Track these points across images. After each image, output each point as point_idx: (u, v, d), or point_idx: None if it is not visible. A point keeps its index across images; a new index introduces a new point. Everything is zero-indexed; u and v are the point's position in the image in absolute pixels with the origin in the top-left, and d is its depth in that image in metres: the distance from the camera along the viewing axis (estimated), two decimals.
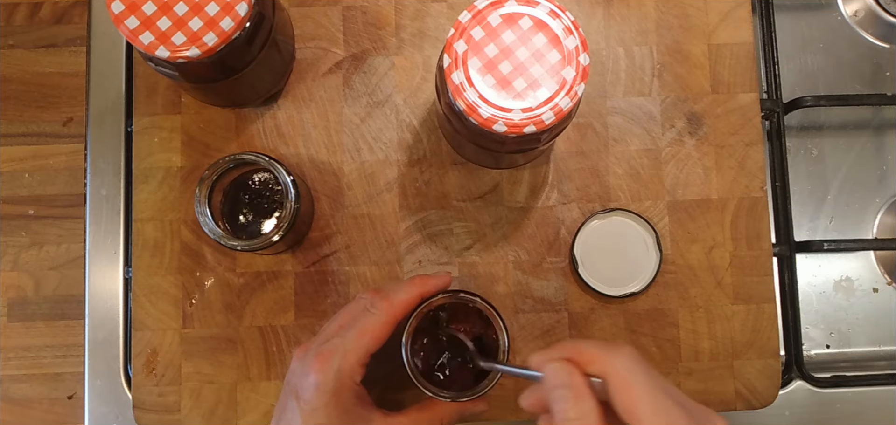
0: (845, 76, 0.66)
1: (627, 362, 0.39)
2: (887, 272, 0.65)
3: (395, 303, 0.47)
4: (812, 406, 0.59)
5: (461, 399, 0.48)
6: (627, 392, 0.38)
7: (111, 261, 0.59)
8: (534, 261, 0.57)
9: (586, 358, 0.40)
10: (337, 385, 0.44)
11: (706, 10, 0.59)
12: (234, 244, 0.49)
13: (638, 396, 0.38)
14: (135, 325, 0.56)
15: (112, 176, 0.60)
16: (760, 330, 0.57)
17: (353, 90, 0.58)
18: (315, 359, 0.44)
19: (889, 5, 0.66)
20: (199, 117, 0.58)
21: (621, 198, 0.57)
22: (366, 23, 0.58)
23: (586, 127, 0.58)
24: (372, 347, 0.46)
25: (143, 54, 0.47)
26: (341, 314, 0.48)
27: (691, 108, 0.58)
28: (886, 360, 0.63)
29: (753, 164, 0.58)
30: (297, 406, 0.44)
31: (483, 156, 0.55)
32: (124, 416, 0.58)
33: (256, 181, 0.53)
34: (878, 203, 0.65)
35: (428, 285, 0.49)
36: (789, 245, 0.60)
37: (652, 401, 0.38)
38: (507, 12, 0.45)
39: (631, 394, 0.38)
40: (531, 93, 0.44)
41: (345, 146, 0.58)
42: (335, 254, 0.57)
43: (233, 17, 0.46)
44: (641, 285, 0.56)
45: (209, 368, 0.56)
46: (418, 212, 0.57)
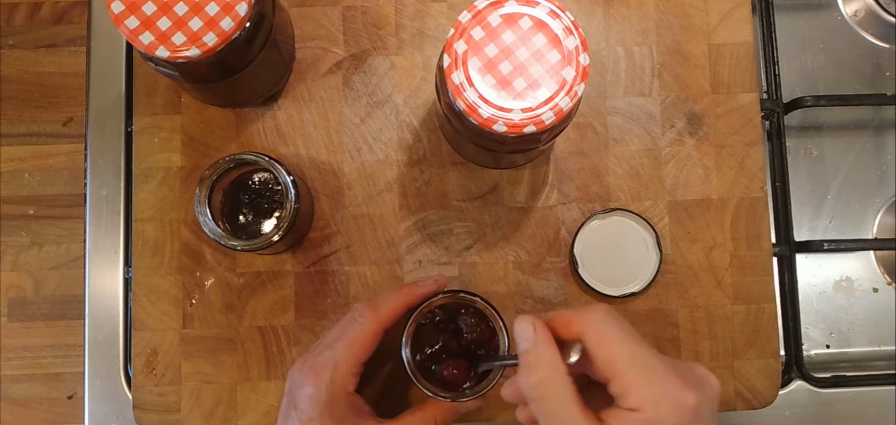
0: (845, 76, 0.66)
1: (601, 315, 0.39)
2: (887, 272, 0.65)
3: (382, 313, 0.49)
4: (812, 406, 0.59)
5: (460, 399, 0.48)
6: (603, 344, 0.38)
7: (111, 261, 0.59)
8: (534, 261, 0.57)
9: (561, 323, 0.40)
10: (330, 396, 0.46)
11: (706, 10, 0.59)
12: (234, 244, 0.49)
13: (613, 345, 0.38)
14: (135, 325, 0.56)
15: (112, 176, 0.60)
16: (760, 330, 0.57)
17: (353, 90, 0.58)
18: (309, 373, 0.47)
19: (889, 5, 0.66)
20: (199, 117, 0.58)
21: (621, 198, 0.57)
22: (366, 23, 0.58)
23: (586, 127, 0.58)
24: (361, 357, 0.48)
25: (143, 54, 0.47)
26: (337, 325, 0.50)
27: (691, 108, 0.58)
28: (886, 360, 0.63)
29: (753, 164, 0.58)
30: (296, 416, 0.46)
31: (483, 156, 0.55)
32: (124, 416, 0.58)
33: (256, 181, 0.53)
34: (878, 203, 0.65)
35: (415, 294, 0.50)
36: (789, 245, 0.60)
37: (628, 350, 0.38)
38: (507, 12, 0.44)
39: (607, 345, 0.38)
40: (531, 93, 0.44)
41: (345, 146, 0.58)
42: (335, 254, 0.57)
43: (233, 17, 0.46)
44: (641, 285, 0.56)
45: (209, 368, 0.56)
46: (418, 212, 0.57)
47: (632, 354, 0.38)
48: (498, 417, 0.56)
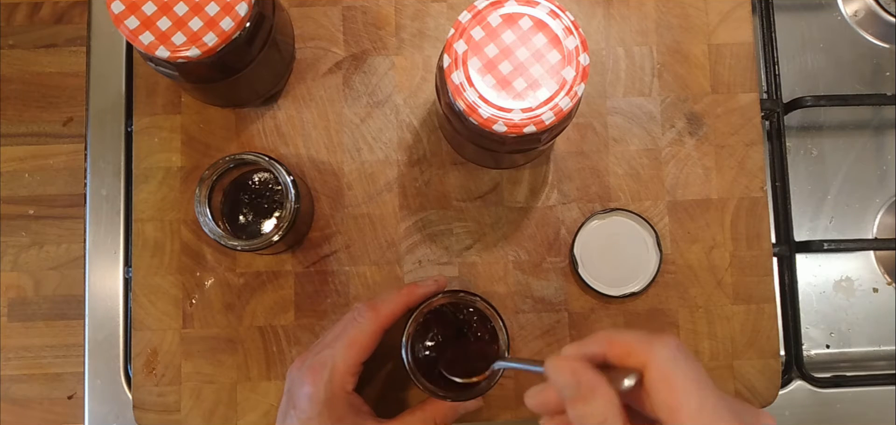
0: (845, 76, 0.66)
1: (671, 352, 0.35)
2: (887, 272, 0.65)
3: (381, 314, 0.49)
4: (812, 406, 0.59)
5: (460, 398, 0.48)
6: (669, 387, 0.34)
7: (111, 261, 0.59)
8: (534, 261, 0.57)
9: (621, 350, 0.36)
10: (329, 395, 0.46)
11: (706, 10, 0.59)
12: (234, 244, 0.49)
13: (680, 392, 0.34)
14: (135, 325, 0.56)
15: (112, 176, 0.60)
16: (760, 330, 0.57)
17: (353, 90, 0.58)
18: (308, 372, 0.47)
19: (889, 5, 0.66)
20: (199, 117, 0.58)
21: (621, 198, 0.57)
22: (366, 23, 0.58)
23: (586, 127, 0.58)
24: (360, 357, 0.48)
25: (143, 54, 0.47)
26: (337, 324, 0.50)
27: (691, 108, 0.58)
28: (886, 360, 0.63)
29: (753, 164, 0.58)
30: (294, 415, 0.47)
31: (483, 156, 0.55)
32: (124, 416, 0.58)
33: (256, 181, 0.53)
34: (878, 203, 0.65)
35: (415, 294, 0.50)
36: (789, 245, 0.60)
37: (697, 401, 0.34)
38: (507, 12, 0.44)
39: (673, 390, 0.34)
40: (531, 93, 0.44)
41: (345, 146, 0.58)
42: (335, 254, 0.57)
43: (233, 17, 0.46)
44: (641, 285, 0.56)
45: (209, 368, 0.56)
46: (418, 212, 0.57)
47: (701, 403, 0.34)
48: (498, 417, 0.56)
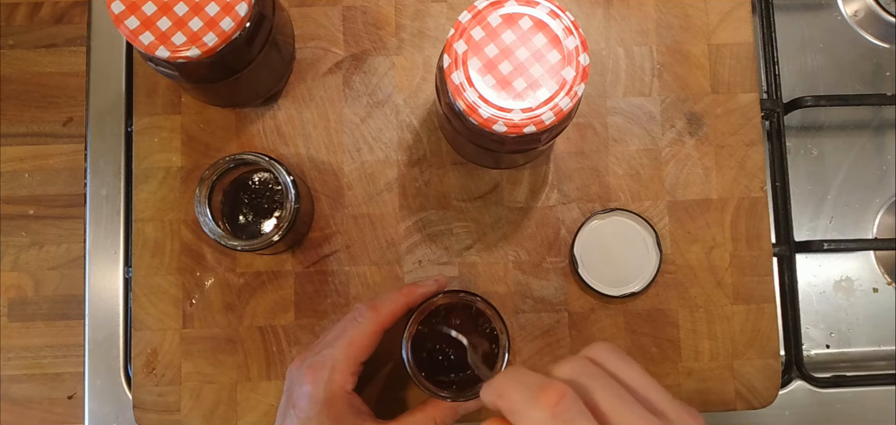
0: (845, 76, 0.66)
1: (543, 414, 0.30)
2: (887, 272, 0.65)
3: (382, 313, 0.48)
4: (812, 406, 0.59)
5: (460, 399, 0.48)
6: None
7: (111, 261, 0.59)
8: (534, 261, 0.57)
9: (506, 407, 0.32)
10: (328, 395, 0.46)
11: (706, 10, 0.59)
12: (234, 244, 0.49)
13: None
14: (135, 325, 0.56)
15: (112, 176, 0.60)
16: (760, 330, 0.57)
17: (353, 90, 0.58)
18: (308, 371, 0.47)
19: (889, 5, 0.66)
20: (199, 117, 0.58)
21: (621, 198, 0.57)
22: (366, 23, 0.58)
23: (586, 127, 0.58)
24: (360, 357, 0.48)
25: (143, 54, 0.47)
26: (337, 324, 0.50)
27: (691, 108, 0.58)
28: (886, 360, 0.63)
29: (753, 164, 0.58)
30: (294, 414, 0.46)
31: (483, 156, 0.55)
32: (124, 416, 0.58)
33: (256, 181, 0.53)
34: (878, 203, 0.65)
35: (415, 294, 0.50)
36: (789, 245, 0.60)
37: None
38: (507, 12, 0.44)
39: None
40: (531, 93, 0.44)
41: (345, 146, 0.58)
42: (335, 254, 0.57)
43: (233, 17, 0.46)
44: (641, 285, 0.56)
45: (209, 368, 0.56)
46: (418, 212, 0.57)
47: None
48: None
